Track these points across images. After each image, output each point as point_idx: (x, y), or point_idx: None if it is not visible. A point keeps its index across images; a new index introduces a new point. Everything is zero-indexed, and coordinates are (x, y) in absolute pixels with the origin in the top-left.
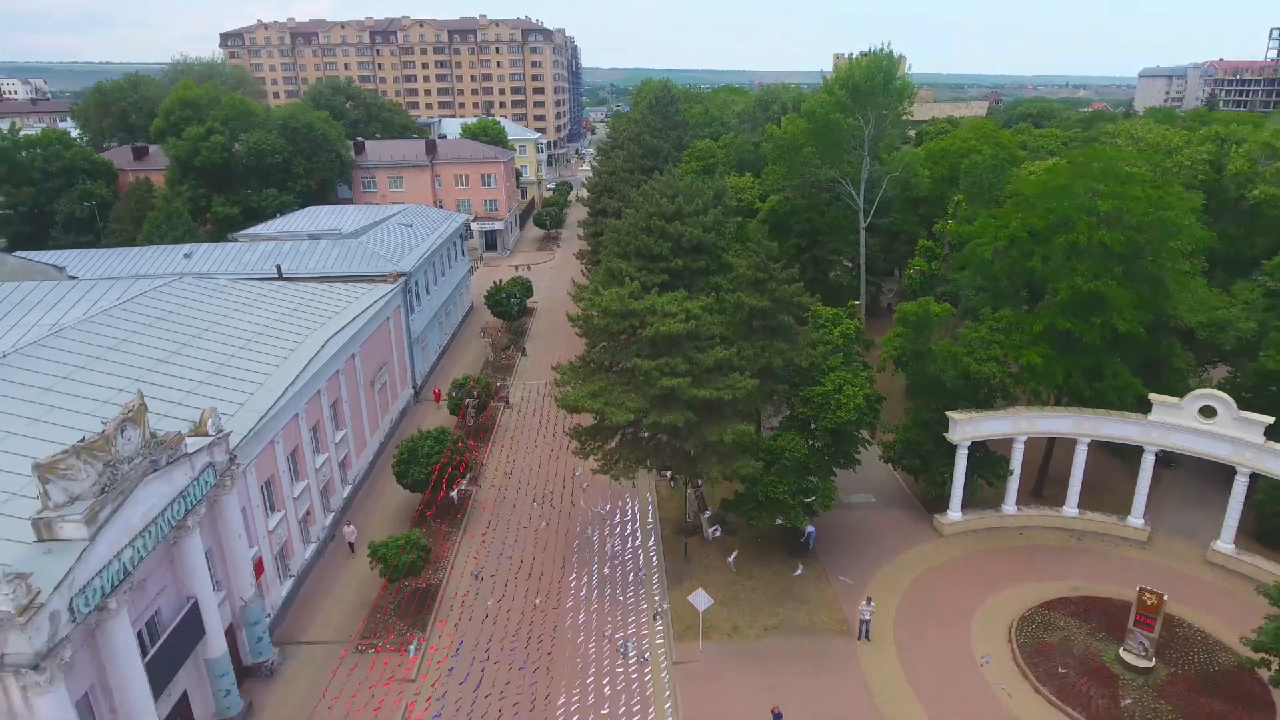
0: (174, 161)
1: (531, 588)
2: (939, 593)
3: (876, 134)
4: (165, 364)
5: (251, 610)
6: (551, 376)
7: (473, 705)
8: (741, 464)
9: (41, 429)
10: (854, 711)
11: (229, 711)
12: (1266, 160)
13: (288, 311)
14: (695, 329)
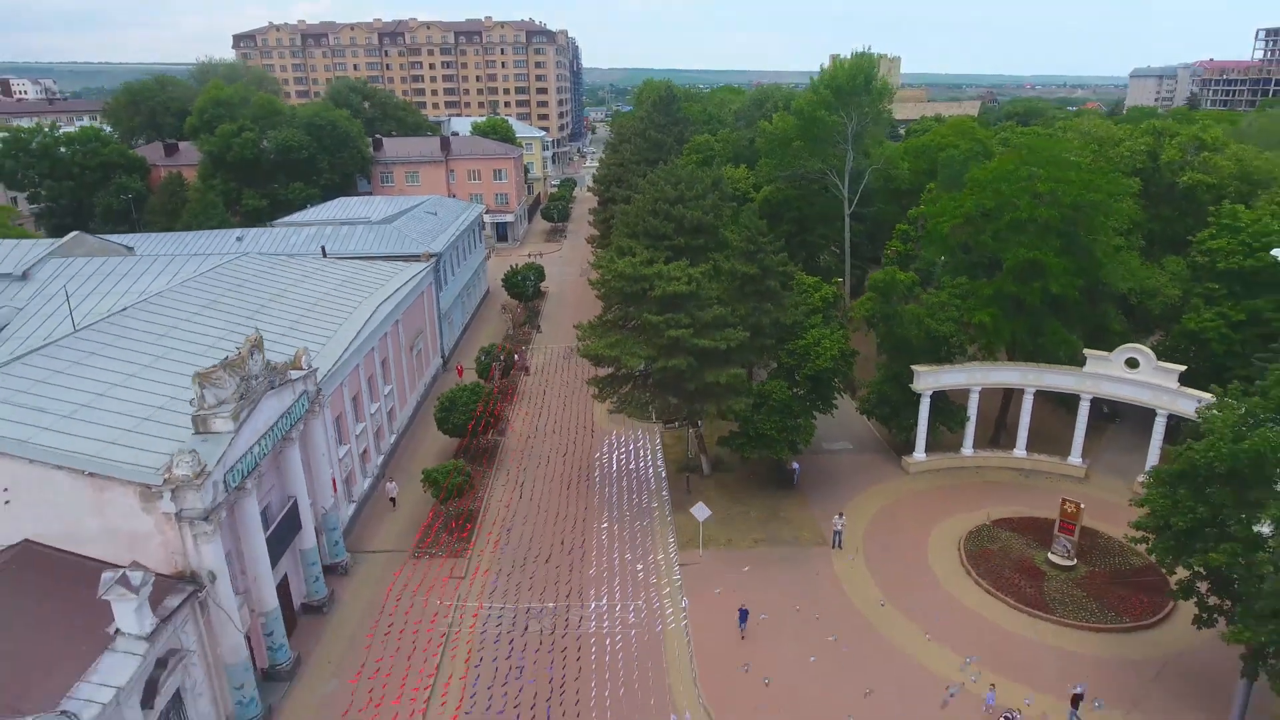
0: (207, 157)
1: (560, 509)
2: (902, 516)
3: (859, 129)
4: (251, 319)
5: (330, 517)
6: (564, 348)
7: (516, 599)
8: (735, 402)
9: (164, 364)
10: (828, 596)
11: (316, 596)
12: (1194, 151)
13: (340, 283)
14: (695, 291)
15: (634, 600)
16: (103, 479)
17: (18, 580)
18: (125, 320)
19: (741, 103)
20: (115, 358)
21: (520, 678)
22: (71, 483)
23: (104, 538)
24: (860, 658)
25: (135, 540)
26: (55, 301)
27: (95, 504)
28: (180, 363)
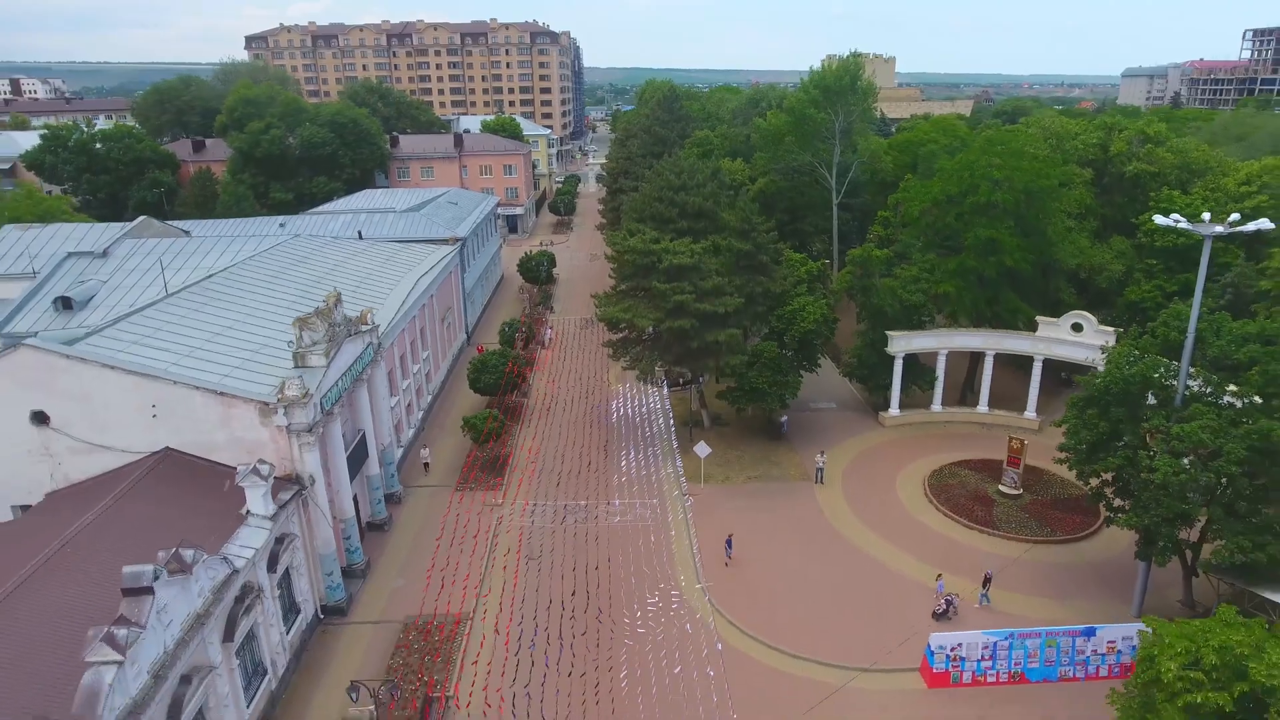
0: (237, 152)
1: (582, 449)
2: (876, 459)
3: (846, 126)
4: (314, 288)
5: (388, 453)
6: (578, 320)
7: (554, 498)
8: (732, 358)
9: (253, 318)
10: (810, 520)
11: (379, 516)
12: (1139, 144)
13: (382, 261)
14: (697, 264)
15: (649, 501)
16: (230, 397)
17: (163, 478)
18: (213, 285)
19: (738, 102)
20: (214, 312)
21: (560, 558)
22: (205, 401)
23: (229, 446)
24: (834, 559)
25: (253, 448)
26: (135, 275)
27: (223, 419)
28: (265, 318)
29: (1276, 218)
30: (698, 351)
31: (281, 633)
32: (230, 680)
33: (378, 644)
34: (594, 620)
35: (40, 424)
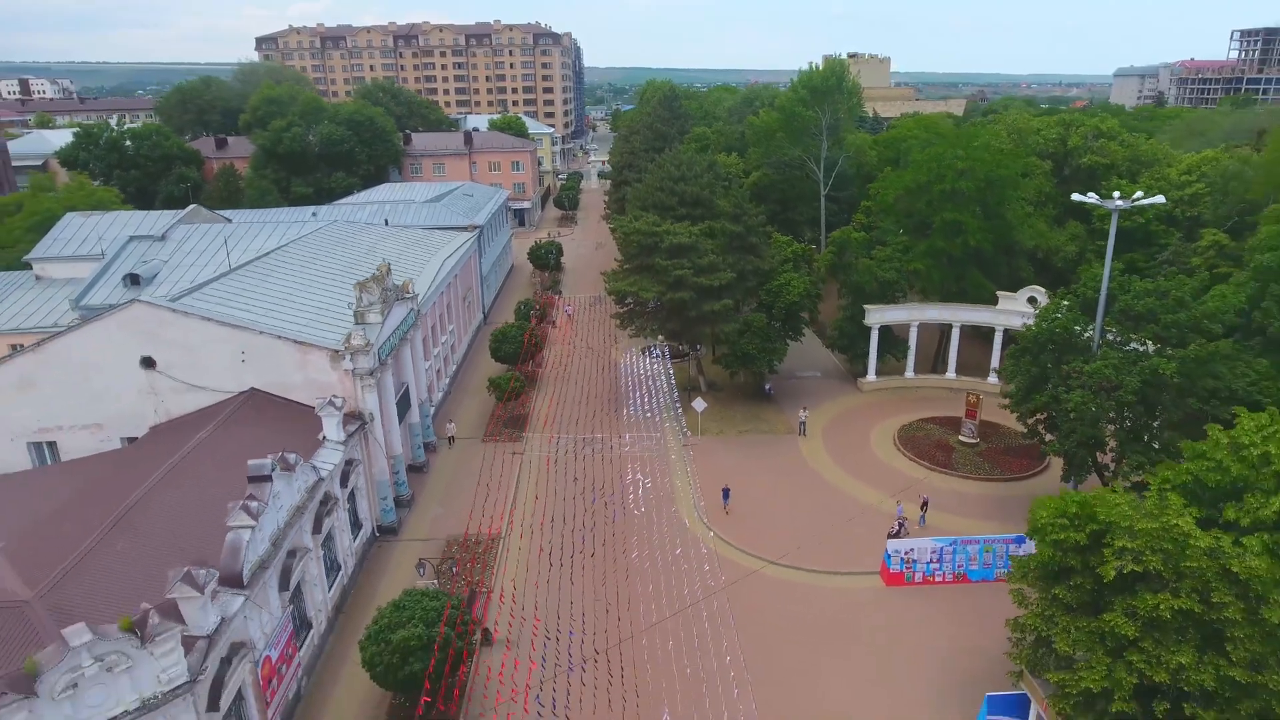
0: (260, 149)
1: (594, 405)
2: (854, 417)
3: (833, 123)
4: (356, 264)
5: (424, 407)
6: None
7: (575, 432)
8: (725, 326)
9: (310, 287)
10: (793, 464)
11: (418, 459)
12: (1093, 138)
13: (413, 243)
14: (694, 243)
15: (654, 434)
16: (307, 345)
17: (251, 412)
18: (270, 261)
19: (734, 101)
20: (276, 282)
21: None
22: (286, 348)
23: (304, 387)
24: (812, 494)
25: (324, 389)
26: (192, 255)
27: (300, 363)
28: (320, 287)
29: (1211, 203)
30: (695, 320)
31: (350, 540)
32: (318, 565)
33: (425, 556)
34: (606, 520)
35: (148, 368)
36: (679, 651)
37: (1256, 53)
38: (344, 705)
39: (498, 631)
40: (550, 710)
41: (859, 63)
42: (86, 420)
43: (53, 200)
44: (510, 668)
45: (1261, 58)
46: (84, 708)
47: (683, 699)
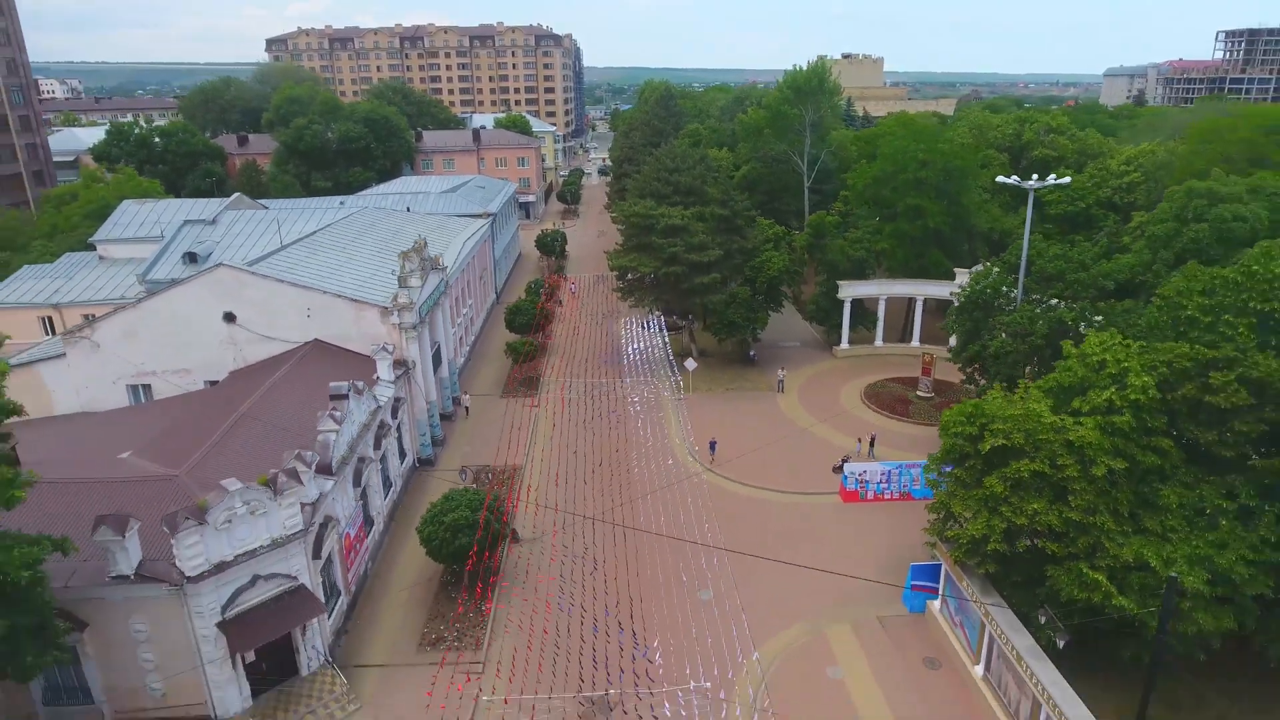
0: (282, 146)
1: (599, 365)
2: (827, 378)
3: (815, 120)
4: (389, 243)
5: (453, 364)
6: (589, 280)
7: (584, 381)
8: (714, 298)
9: (354, 260)
10: (772, 415)
11: (447, 409)
12: (1045, 133)
13: (436, 227)
14: (686, 225)
15: (650, 391)
16: (361, 303)
17: (315, 359)
18: (318, 239)
19: (726, 100)
20: (324, 256)
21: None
22: (345, 306)
23: (359, 338)
24: (786, 437)
25: (375, 339)
26: (240, 236)
27: (356, 319)
28: (362, 261)
29: (1145, 190)
30: (687, 292)
31: (398, 463)
32: (377, 475)
33: (466, 464)
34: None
35: (229, 321)
36: (669, 527)
37: (1240, 53)
38: (404, 578)
39: (520, 537)
40: (569, 585)
41: (853, 63)
42: (177, 366)
43: (105, 190)
44: (535, 555)
45: (1245, 58)
46: (235, 539)
47: (671, 559)
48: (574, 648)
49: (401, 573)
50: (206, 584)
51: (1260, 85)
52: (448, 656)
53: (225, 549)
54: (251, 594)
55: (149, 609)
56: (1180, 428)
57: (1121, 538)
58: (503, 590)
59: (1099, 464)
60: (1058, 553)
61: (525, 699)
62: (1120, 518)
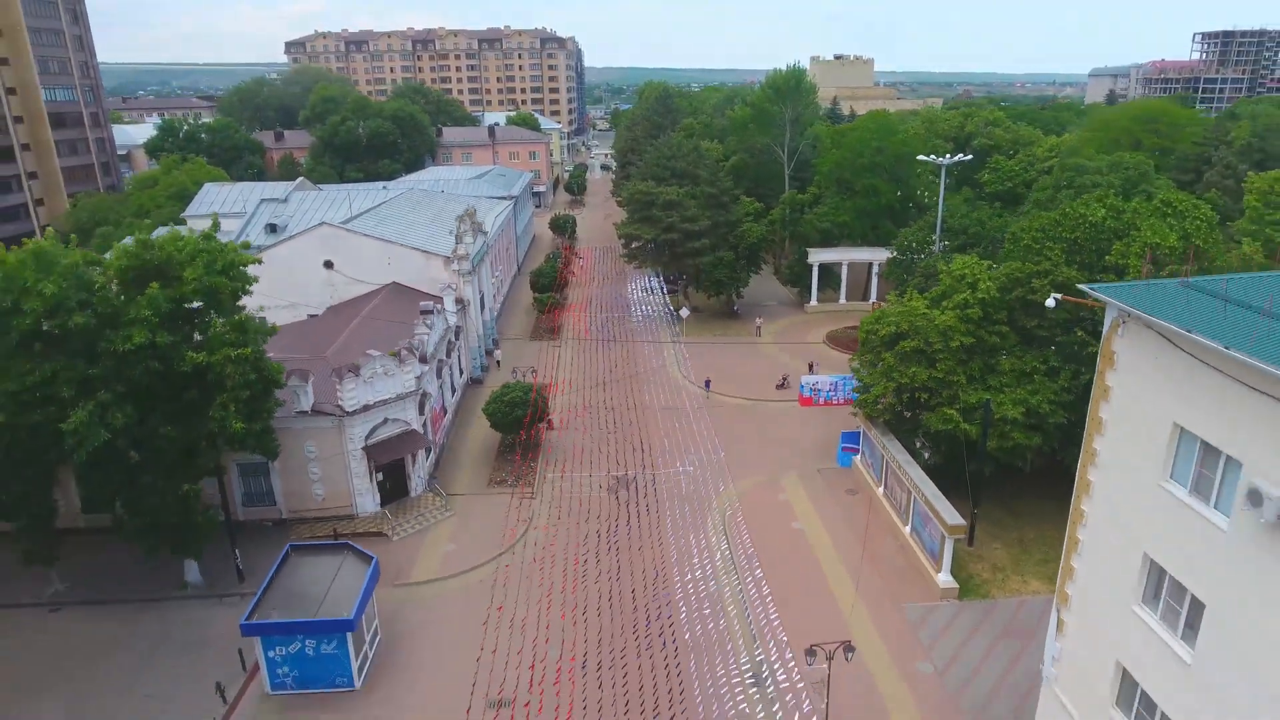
0: (318, 140)
1: (610, 317)
2: (798, 326)
3: (794, 116)
4: (437, 215)
5: (490, 311)
6: (598, 252)
7: (600, 330)
8: (703, 260)
9: (415, 226)
10: (750, 352)
11: (489, 347)
12: (985, 126)
13: (471, 205)
14: (681, 200)
15: (652, 336)
16: (429, 254)
17: (394, 295)
18: (380, 212)
19: (718, 98)
20: (390, 223)
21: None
22: (416, 255)
23: (426, 282)
24: (761, 365)
25: (439, 283)
26: (309, 211)
27: (424, 266)
28: (419, 228)
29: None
30: (681, 255)
31: (459, 375)
32: (448, 376)
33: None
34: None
35: (328, 268)
36: (670, 423)
37: (1216, 54)
38: (472, 447)
39: (556, 425)
40: (590, 455)
41: (844, 65)
42: (287, 301)
43: (182, 175)
44: (567, 433)
45: (1220, 59)
46: (375, 391)
47: (672, 435)
48: (600, 466)
49: (469, 445)
50: (357, 419)
51: (1234, 85)
52: (510, 490)
53: (369, 396)
54: (383, 430)
55: (318, 436)
56: (1013, 318)
57: (970, 390)
58: (546, 452)
59: (956, 341)
60: (929, 402)
61: (571, 476)
62: (971, 378)
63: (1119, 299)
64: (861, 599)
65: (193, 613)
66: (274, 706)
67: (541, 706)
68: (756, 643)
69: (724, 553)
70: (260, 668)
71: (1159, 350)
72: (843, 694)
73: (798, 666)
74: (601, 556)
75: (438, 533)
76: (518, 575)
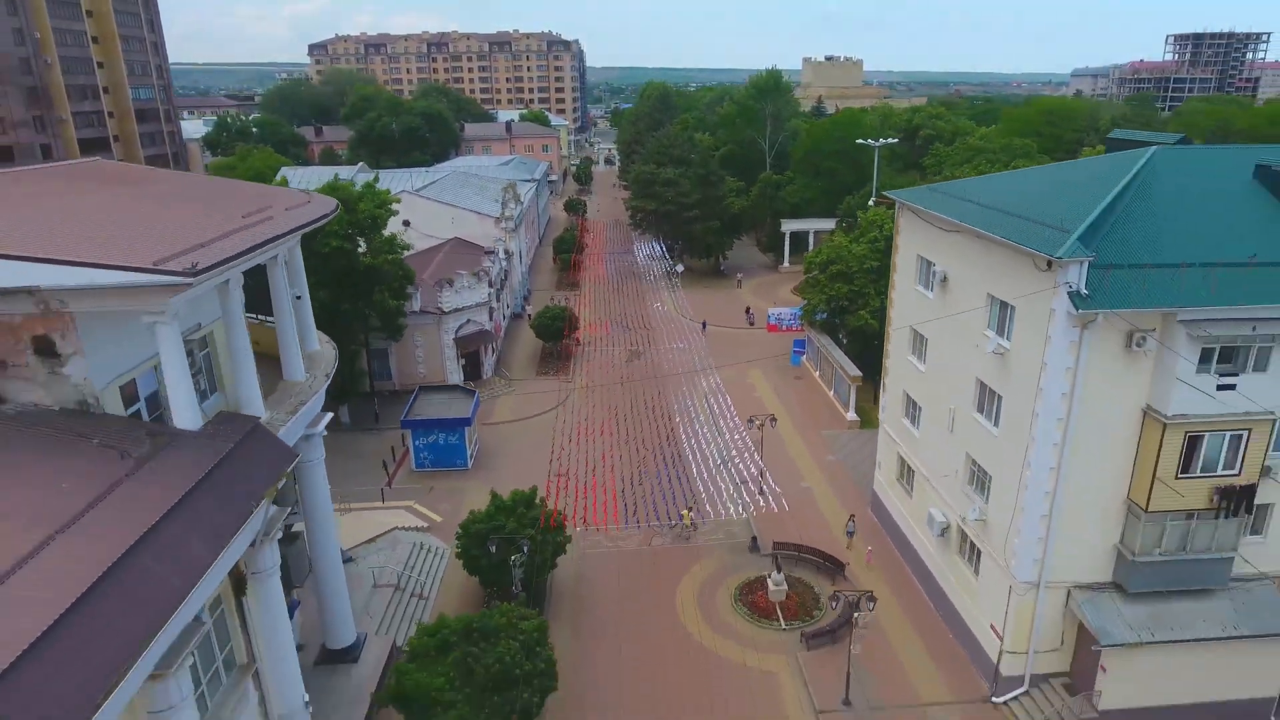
0: (356, 135)
1: (620, 274)
2: (772, 283)
3: (774, 113)
4: (481, 190)
5: (525, 265)
6: (608, 224)
7: (609, 294)
8: (695, 227)
9: (467, 195)
10: (732, 298)
11: (525, 294)
12: (929, 120)
13: (504, 183)
14: (676, 179)
15: (654, 287)
16: (483, 215)
17: (458, 247)
18: (438, 185)
19: (710, 97)
20: (450, 193)
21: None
22: (473, 216)
23: (480, 237)
24: (739, 308)
25: (490, 238)
26: None
27: (479, 224)
28: (469, 195)
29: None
30: (677, 224)
31: (506, 309)
32: (502, 304)
33: None
34: (635, 309)
35: (406, 226)
36: (674, 348)
37: (1188, 55)
38: (520, 355)
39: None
40: (613, 340)
41: (834, 66)
42: None
43: (257, 160)
44: (592, 345)
45: (1191, 59)
46: (461, 298)
47: (672, 346)
48: (620, 347)
49: (518, 352)
50: (450, 317)
51: (1202, 84)
52: (553, 375)
53: (458, 302)
54: (466, 328)
55: (423, 329)
56: None
57: (875, 298)
58: (576, 355)
59: (868, 265)
60: (849, 308)
61: (598, 355)
62: (878, 291)
63: (898, 196)
64: (796, 429)
65: (346, 440)
66: (417, 478)
67: (592, 479)
68: (724, 434)
69: (705, 400)
70: (409, 453)
71: (913, 219)
72: (780, 472)
73: (745, 432)
74: (621, 400)
75: (505, 400)
76: (566, 416)
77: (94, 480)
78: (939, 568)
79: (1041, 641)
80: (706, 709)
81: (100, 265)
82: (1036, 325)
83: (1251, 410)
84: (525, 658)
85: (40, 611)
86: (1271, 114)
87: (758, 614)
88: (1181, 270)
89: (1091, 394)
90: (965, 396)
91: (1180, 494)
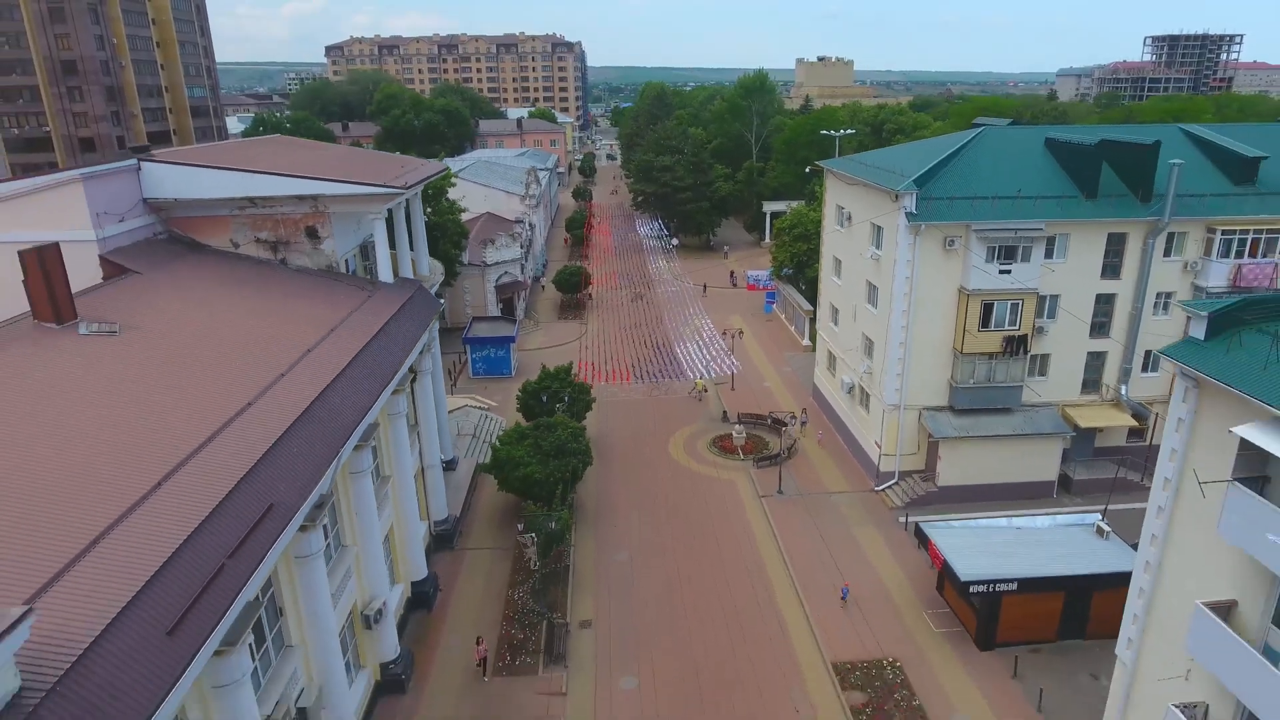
0: (382, 130)
1: (625, 249)
2: (755, 254)
3: (760, 110)
4: (504, 174)
5: (541, 239)
6: (611, 206)
7: (615, 261)
8: (688, 207)
9: (496, 177)
10: (721, 265)
11: (543, 261)
12: (893, 115)
13: (524, 169)
14: (672, 165)
15: (654, 258)
16: (510, 192)
17: (487, 223)
18: (470, 169)
19: (704, 95)
20: (480, 176)
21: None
22: (502, 194)
23: (507, 211)
24: (723, 271)
25: (514, 210)
26: None
27: (507, 200)
28: (494, 181)
29: None
30: (673, 204)
31: (529, 274)
32: (525, 264)
33: None
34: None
35: None
36: (668, 295)
37: (1164, 56)
38: (543, 305)
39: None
40: (619, 298)
41: (826, 66)
42: None
43: None
44: (604, 293)
45: (1167, 60)
46: (500, 254)
47: (671, 305)
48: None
49: (541, 303)
50: (492, 269)
51: (1177, 83)
52: (573, 319)
53: (498, 256)
54: (504, 279)
55: (471, 278)
56: None
57: None
58: (590, 305)
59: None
60: (807, 261)
61: (610, 298)
62: None
63: (825, 164)
64: (762, 351)
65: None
66: (475, 383)
67: (611, 374)
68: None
69: (695, 330)
70: (467, 363)
71: (837, 181)
72: (749, 377)
73: (722, 341)
74: (631, 329)
75: (534, 335)
76: (587, 341)
77: (350, 301)
78: (847, 414)
79: (904, 446)
80: (690, 496)
81: (357, 183)
82: (893, 237)
83: (1021, 287)
84: (572, 439)
85: (335, 362)
86: (1209, 105)
87: (726, 453)
88: (975, 200)
89: (925, 279)
90: (860, 294)
91: (983, 342)
